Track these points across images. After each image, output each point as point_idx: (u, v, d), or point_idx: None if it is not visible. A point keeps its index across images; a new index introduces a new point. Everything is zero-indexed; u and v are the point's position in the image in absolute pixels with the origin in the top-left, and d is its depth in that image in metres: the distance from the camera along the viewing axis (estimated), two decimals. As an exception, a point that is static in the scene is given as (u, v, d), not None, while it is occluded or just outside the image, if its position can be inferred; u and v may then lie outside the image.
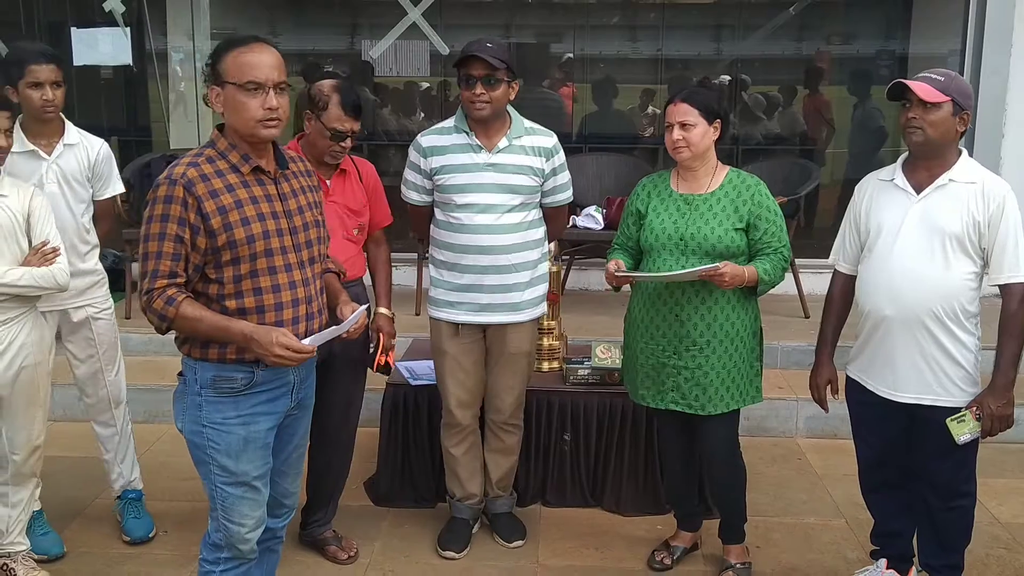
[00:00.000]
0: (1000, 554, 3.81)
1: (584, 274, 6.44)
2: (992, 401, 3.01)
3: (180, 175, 2.50)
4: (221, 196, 2.52)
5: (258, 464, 2.67)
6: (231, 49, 2.54)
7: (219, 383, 2.59)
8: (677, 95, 3.30)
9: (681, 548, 3.71)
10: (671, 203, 3.37)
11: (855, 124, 7.78)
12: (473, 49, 3.38)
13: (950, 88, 2.98)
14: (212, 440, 2.61)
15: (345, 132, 3.39)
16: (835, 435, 4.79)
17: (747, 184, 3.34)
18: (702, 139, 3.28)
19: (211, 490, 2.68)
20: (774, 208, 3.34)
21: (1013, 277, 3.00)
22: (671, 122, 3.28)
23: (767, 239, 3.31)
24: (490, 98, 3.39)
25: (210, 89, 2.56)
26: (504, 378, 3.69)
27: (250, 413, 2.62)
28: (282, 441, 2.77)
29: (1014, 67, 6.15)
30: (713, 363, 3.33)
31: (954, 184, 3.03)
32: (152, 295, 2.50)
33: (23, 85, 3.45)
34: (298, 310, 2.64)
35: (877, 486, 3.42)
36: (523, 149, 3.52)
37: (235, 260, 2.54)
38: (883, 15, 8.12)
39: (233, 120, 2.56)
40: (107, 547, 3.79)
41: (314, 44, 8.64)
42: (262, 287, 2.58)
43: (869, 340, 3.21)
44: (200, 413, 2.61)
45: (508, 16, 8.58)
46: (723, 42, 8.41)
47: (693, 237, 3.28)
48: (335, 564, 3.68)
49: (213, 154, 2.58)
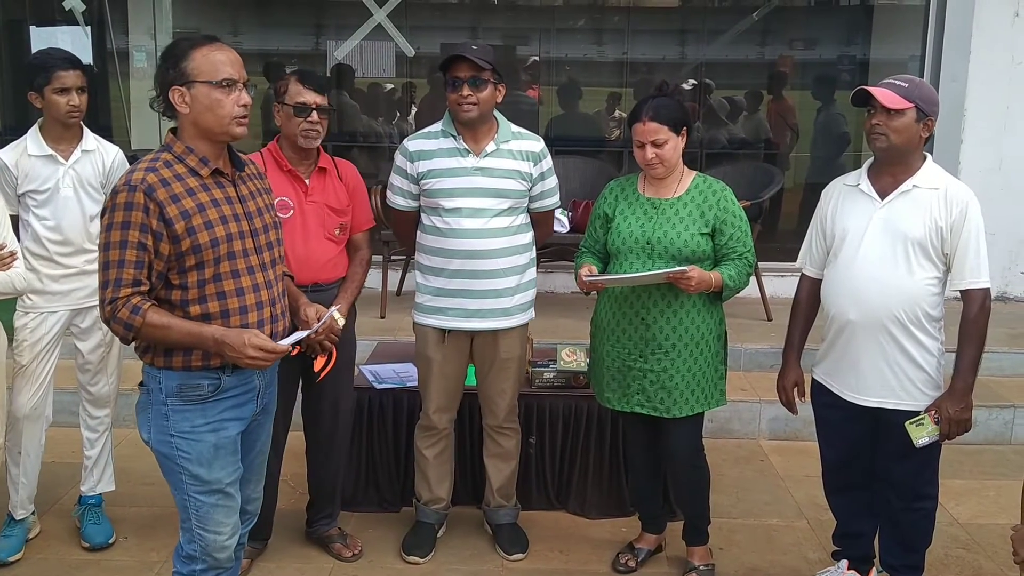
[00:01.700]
0: (959, 554, 3.86)
1: (550, 277, 6.45)
2: (950, 405, 3.04)
3: (140, 181, 2.44)
4: (183, 200, 2.48)
5: (230, 470, 2.64)
6: (196, 48, 2.50)
7: (185, 391, 2.54)
8: (643, 113, 3.27)
9: (645, 550, 3.72)
10: (638, 207, 3.38)
11: (818, 129, 7.87)
12: (458, 50, 3.37)
13: (913, 95, 3.01)
14: (182, 450, 2.56)
15: (308, 104, 3.36)
16: (797, 437, 4.84)
17: (713, 189, 3.36)
18: (674, 152, 3.30)
19: (183, 500, 2.61)
20: (740, 213, 3.36)
21: (974, 283, 3.04)
22: (642, 141, 3.27)
23: (732, 244, 3.33)
24: (477, 99, 3.38)
25: (173, 90, 2.50)
26: (497, 383, 3.68)
27: (219, 419, 2.59)
28: (245, 447, 2.74)
29: (972, 74, 6.25)
30: (678, 366, 3.34)
31: (918, 190, 3.07)
32: (116, 304, 2.44)
33: (49, 91, 3.50)
34: (263, 313, 2.61)
35: (840, 488, 3.46)
36: (511, 153, 3.51)
37: (199, 265, 2.50)
38: (845, 21, 8.24)
39: (206, 119, 2.51)
40: (66, 553, 3.74)
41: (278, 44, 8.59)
42: (226, 291, 2.54)
43: (834, 344, 3.24)
44: (167, 423, 2.55)
45: (474, 18, 8.59)
46: (688, 46, 8.48)
47: (660, 241, 3.30)
48: (340, 560, 3.72)
49: (170, 158, 2.53)
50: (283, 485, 3.83)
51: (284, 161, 3.45)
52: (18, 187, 3.58)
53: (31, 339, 3.62)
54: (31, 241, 3.60)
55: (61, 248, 3.60)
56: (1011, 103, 6.26)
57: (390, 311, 5.87)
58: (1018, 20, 6.18)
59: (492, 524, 3.90)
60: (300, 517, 3.86)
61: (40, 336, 3.63)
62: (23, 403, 3.63)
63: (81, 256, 3.63)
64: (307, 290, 3.37)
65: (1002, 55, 6.21)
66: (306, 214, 3.45)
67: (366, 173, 3.72)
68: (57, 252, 3.60)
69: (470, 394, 3.82)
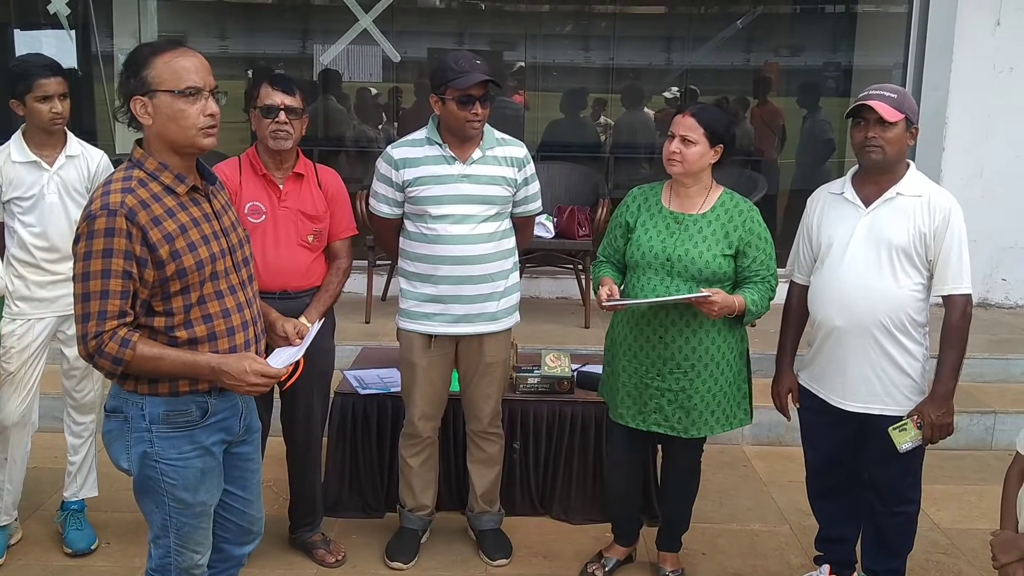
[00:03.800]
0: (939, 559, 3.89)
1: (535, 282, 6.46)
2: (932, 410, 3.07)
3: (119, 204, 2.30)
4: (164, 223, 2.35)
5: (215, 492, 2.58)
6: (158, 55, 2.37)
7: (172, 417, 2.44)
8: (688, 108, 3.24)
9: (614, 560, 3.70)
10: (660, 220, 3.31)
11: (804, 135, 7.89)
12: (477, 70, 3.33)
13: (903, 105, 3.05)
14: (168, 476, 2.46)
15: (276, 105, 3.37)
16: (781, 442, 4.86)
17: (740, 209, 3.28)
18: (699, 159, 3.21)
19: (163, 520, 2.52)
20: (765, 236, 3.28)
21: (956, 289, 3.07)
22: (674, 133, 3.22)
23: (756, 267, 3.26)
24: (483, 116, 3.42)
25: (134, 100, 2.37)
26: (481, 387, 3.68)
27: (207, 444, 2.50)
28: (246, 471, 2.69)
29: (954, 82, 6.31)
30: (698, 387, 3.28)
31: (901, 197, 3.10)
32: (102, 339, 2.30)
33: (30, 99, 3.49)
34: (248, 332, 2.52)
35: (824, 492, 3.48)
36: (496, 160, 3.53)
37: (184, 289, 2.39)
38: (829, 28, 8.28)
39: (169, 131, 2.38)
40: (48, 559, 3.72)
41: (265, 48, 8.58)
42: (211, 313, 2.44)
43: (820, 350, 3.26)
44: (152, 450, 2.44)
45: (460, 24, 8.59)
46: (674, 52, 8.51)
47: (680, 259, 3.23)
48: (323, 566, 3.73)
49: (143, 176, 2.39)
50: (266, 491, 3.82)
51: (260, 165, 3.45)
52: (3, 194, 3.57)
53: (19, 346, 3.60)
54: (17, 248, 3.59)
55: (48, 255, 3.59)
56: (992, 111, 6.32)
57: (375, 316, 5.87)
58: (999, 29, 6.24)
59: (476, 530, 3.90)
60: (283, 523, 3.85)
61: (28, 343, 3.61)
62: (11, 411, 3.61)
63: (68, 262, 3.55)
64: (274, 297, 3.35)
65: (983, 64, 6.27)
66: (278, 219, 3.44)
67: (352, 178, 3.72)
68: (44, 259, 3.58)
69: (454, 400, 3.83)
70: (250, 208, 3.42)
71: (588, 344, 5.19)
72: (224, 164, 3.48)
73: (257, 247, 3.18)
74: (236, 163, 3.49)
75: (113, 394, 2.50)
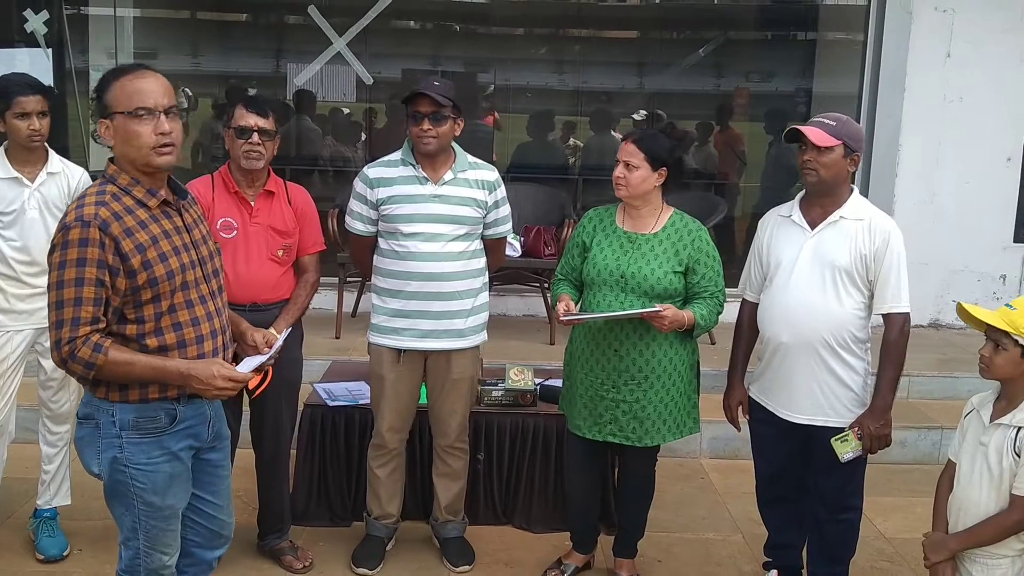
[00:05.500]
0: (884, 567, 4.05)
1: (501, 300, 6.56)
2: (871, 422, 3.23)
3: (92, 216, 2.41)
4: (136, 234, 2.46)
5: (183, 496, 2.66)
6: (118, 78, 2.48)
7: (142, 423, 2.53)
8: (631, 135, 3.44)
9: (573, 566, 3.82)
10: (615, 239, 3.48)
11: (770, 160, 8.03)
12: (421, 87, 3.53)
13: (841, 132, 3.23)
14: (137, 480, 2.55)
15: (249, 127, 3.50)
16: (736, 456, 4.99)
17: (689, 228, 3.46)
18: (641, 183, 3.38)
19: (133, 523, 2.61)
20: (713, 254, 3.47)
21: (895, 307, 3.24)
22: (619, 158, 3.41)
23: (704, 284, 3.44)
24: (436, 133, 3.53)
25: (100, 123, 2.49)
26: (448, 403, 3.79)
27: (176, 449, 2.59)
28: (216, 477, 2.78)
29: (907, 111, 6.50)
30: (651, 397, 3.44)
31: (844, 220, 3.27)
32: (75, 344, 2.40)
33: (10, 116, 3.57)
34: (216, 341, 2.62)
35: (772, 500, 3.63)
36: (467, 182, 3.66)
37: (155, 298, 2.49)
38: (790, 56, 8.49)
39: (127, 151, 2.49)
40: (20, 565, 3.77)
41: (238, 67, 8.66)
42: (181, 322, 2.54)
43: (769, 364, 3.42)
44: (121, 455, 2.54)
45: (434, 46, 8.73)
46: (643, 77, 8.67)
47: (634, 276, 3.40)
48: (290, 572, 3.82)
49: (116, 190, 2.50)
50: (235, 500, 3.87)
51: (232, 183, 3.59)
52: None
53: None
54: None
55: (28, 268, 3.66)
56: (942, 139, 6.51)
57: (345, 332, 5.97)
58: (949, 60, 6.45)
59: (440, 538, 4.00)
60: (252, 530, 3.94)
61: (7, 354, 3.68)
62: None
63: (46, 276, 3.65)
64: (245, 309, 3.46)
65: (935, 93, 6.47)
66: (249, 235, 3.58)
67: (325, 196, 3.85)
68: (24, 272, 3.66)
69: (422, 413, 3.93)
70: (222, 224, 3.55)
71: (553, 360, 5.26)
72: (197, 181, 3.61)
73: (228, 261, 3.31)
74: (209, 180, 3.63)
75: (85, 401, 2.60)
